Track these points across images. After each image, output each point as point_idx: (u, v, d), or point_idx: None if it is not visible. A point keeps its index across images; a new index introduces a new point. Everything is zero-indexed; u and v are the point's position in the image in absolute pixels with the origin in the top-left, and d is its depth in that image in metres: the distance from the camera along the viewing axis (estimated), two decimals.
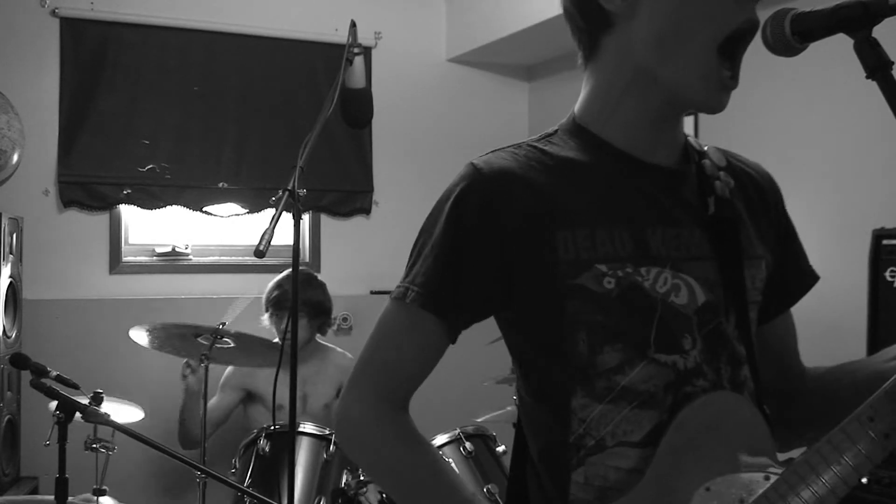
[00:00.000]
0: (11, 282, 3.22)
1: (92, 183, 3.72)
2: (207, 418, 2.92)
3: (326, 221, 4.15)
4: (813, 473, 0.95)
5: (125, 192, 3.75)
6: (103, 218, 3.78)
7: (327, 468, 2.72)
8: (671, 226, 1.09)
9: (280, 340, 3.06)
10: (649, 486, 1.03)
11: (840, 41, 1.02)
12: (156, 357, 3.06)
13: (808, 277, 1.25)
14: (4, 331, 3.13)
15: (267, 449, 2.72)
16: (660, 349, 1.05)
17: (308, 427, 2.80)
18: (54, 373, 2.35)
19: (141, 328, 2.93)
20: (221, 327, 2.88)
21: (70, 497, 2.29)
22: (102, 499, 2.66)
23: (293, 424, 2.13)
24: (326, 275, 3.77)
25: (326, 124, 2.20)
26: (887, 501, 2.13)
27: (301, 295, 2.31)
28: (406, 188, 4.17)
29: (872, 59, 0.95)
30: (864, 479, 1.87)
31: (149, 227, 3.95)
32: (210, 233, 4.04)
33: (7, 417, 3.14)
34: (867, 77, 0.96)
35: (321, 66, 4.04)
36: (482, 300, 1.10)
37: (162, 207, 3.83)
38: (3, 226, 3.14)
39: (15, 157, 3.37)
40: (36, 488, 3.32)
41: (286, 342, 2.23)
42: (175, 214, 3.90)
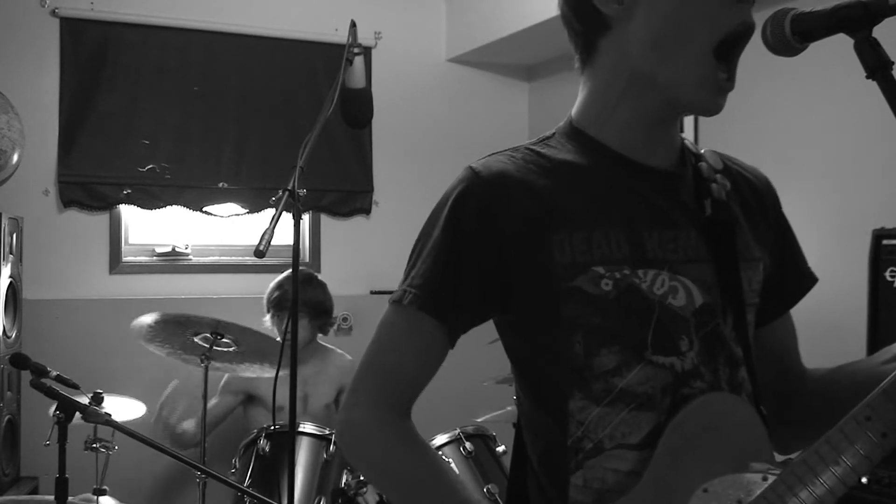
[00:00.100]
0: (11, 282, 3.22)
1: (92, 183, 3.72)
2: (206, 419, 2.91)
3: (326, 221, 4.14)
4: (811, 474, 0.95)
5: (125, 192, 3.75)
6: (103, 218, 3.78)
7: (327, 468, 2.72)
8: (668, 228, 1.09)
9: (281, 341, 3.06)
10: (647, 488, 1.03)
11: (840, 41, 1.02)
12: (156, 357, 3.06)
13: (807, 279, 1.25)
14: (4, 331, 3.13)
15: (267, 449, 2.72)
16: (657, 351, 1.05)
17: (308, 427, 2.79)
18: (54, 373, 2.35)
19: (146, 317, 2.88)
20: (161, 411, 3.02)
21: (70, 497, 2.29)
22: (102, 499, 2.65)
23: (293, 424, 2.13)
24: (326, 275, 3.77)
25: (326, 124, 2.19)
26: (887, 501, 2.13)
27: (301, 295, 2.31)
28: (406, 188, 4.17)
29: (872, 59, 0.95)
30: (864, 479, 1.87)
31: (149, 227, 3.95)
32: (210, 233, 4.04)
33: (7, 417, 3.14)
34: (867, 77, 0.96)
35: (321, 66, 4.04)
36: (480, 302, 1.10)
37: (162, 207, 3.83)
38: (3, 226, 3.13)
39: (15, 157, 3.37)
40: (36, 488, 3.32)
41: (286, 342, 2.22)
42: (175, 214, 3.90)
